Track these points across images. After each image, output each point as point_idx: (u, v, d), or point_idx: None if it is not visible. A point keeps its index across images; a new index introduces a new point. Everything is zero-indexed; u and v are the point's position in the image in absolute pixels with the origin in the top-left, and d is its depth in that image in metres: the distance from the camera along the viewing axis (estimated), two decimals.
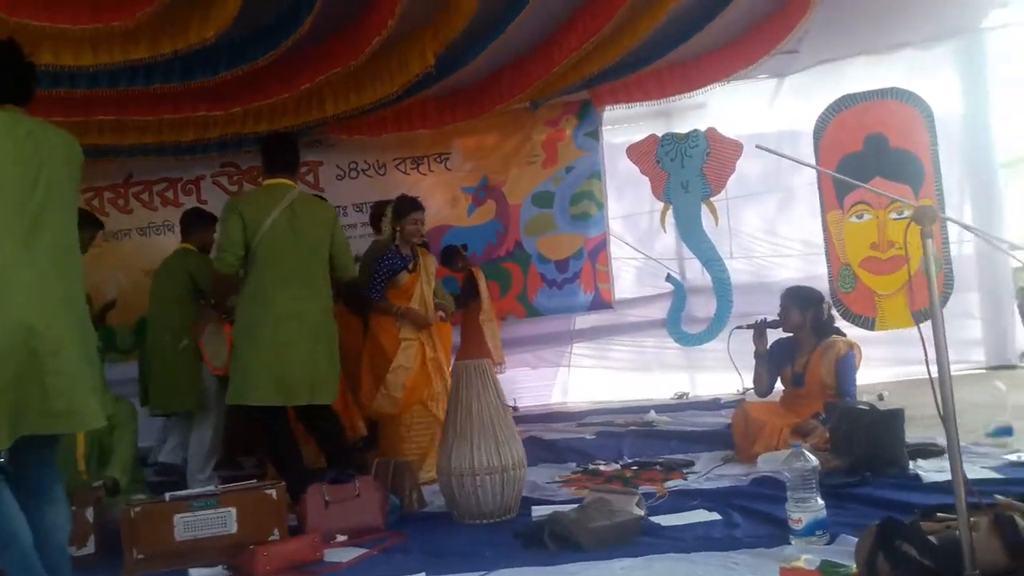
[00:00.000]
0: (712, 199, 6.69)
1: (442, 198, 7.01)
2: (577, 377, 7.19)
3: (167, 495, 3.25)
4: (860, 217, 6.36)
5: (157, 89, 5.52)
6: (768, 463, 3.68)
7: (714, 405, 6.00)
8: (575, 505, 3.12)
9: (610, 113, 7.00)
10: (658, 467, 3.96)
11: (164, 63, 5.23)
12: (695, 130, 6.69)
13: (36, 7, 4.58)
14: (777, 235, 6.88)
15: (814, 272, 6.47)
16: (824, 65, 6.67)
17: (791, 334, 4.31)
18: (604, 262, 6.90)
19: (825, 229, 6.37)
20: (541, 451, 4.75)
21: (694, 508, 3.13)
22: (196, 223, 5.09)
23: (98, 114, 5.84)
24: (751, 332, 4.45)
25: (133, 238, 7.06)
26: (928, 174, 6.22)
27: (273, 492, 3.24)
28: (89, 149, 6.40)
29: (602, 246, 6.92)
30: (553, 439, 5.20)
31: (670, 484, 3.61)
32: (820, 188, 6.41)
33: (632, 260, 7.08)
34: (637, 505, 2.99)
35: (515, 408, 6.89)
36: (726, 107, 6.83)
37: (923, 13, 6.25)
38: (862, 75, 6.50)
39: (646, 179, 6.79)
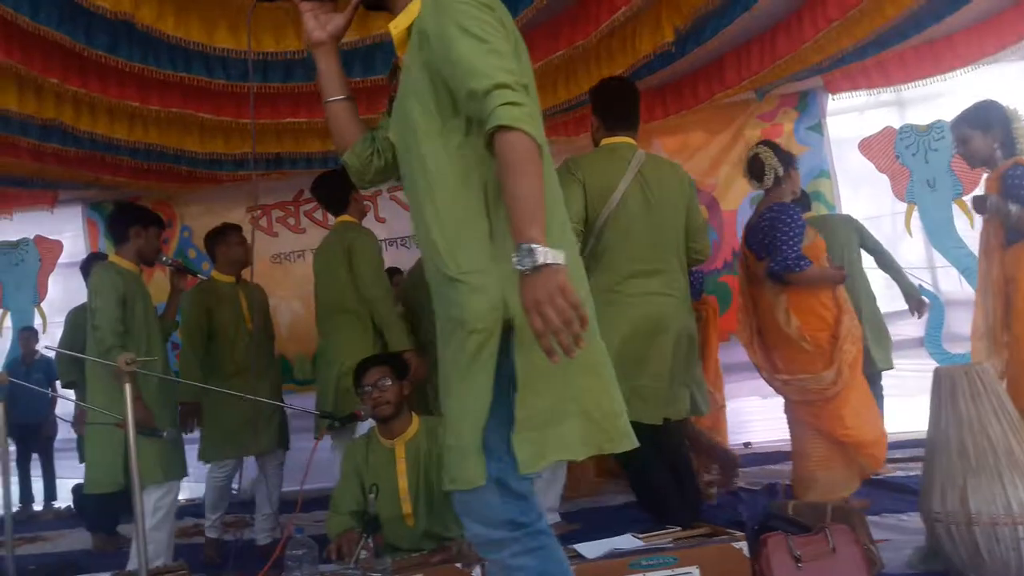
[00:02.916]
0: (965, 198, 5.89)
1: None
2: None
3: (579, 547, 2.41)
4: None
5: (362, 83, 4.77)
6: None
7: None
8: None
9: (831, 104, 6.20)
10: None
11: (365, 50, 4.52)
12: (939, 121, 5.90)
13: None
14: None
15: None
16: None
17: None
18: None
19: None
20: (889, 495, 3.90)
21: None
22: None
23: (287, 115, 5.10)
24: None
25: (307, 259, 6.33)
26: None
27: (742, 546, 2.39)
28: (259, 161, 6.02)
29: None
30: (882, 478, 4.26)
31: None
32: None
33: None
34: None
35: (746, 445, 6.02)
36: (967, 95, 5.99)
37: None
38: None
39: (884, 177, 5.99)
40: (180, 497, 4.31)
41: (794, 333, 3.58)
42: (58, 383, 5.62)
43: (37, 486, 6.90)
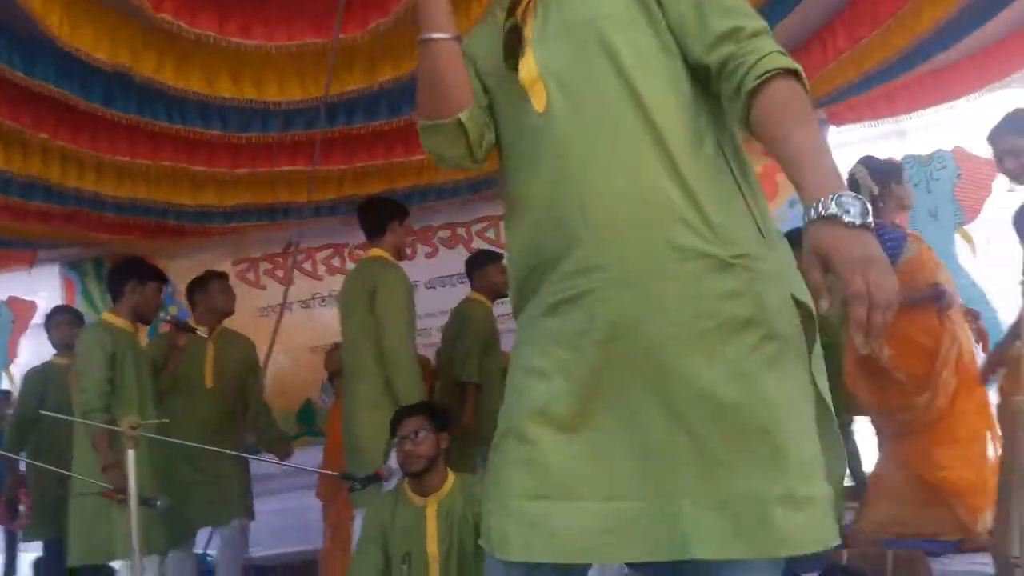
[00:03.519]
0: (967, 227, 5.86)
1: None
2: None
3: None
4: None
5: (359, 129, 4.60)
6: None
7: None
8: None
9: (832, 138, 6.14)
10: None
11: (368, 99, 4.35)
12: (939, 150, 5.88)
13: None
14: None
15: None
16: None
17: None
18: None
19: None
20: None
21: None
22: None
23: (283, 164, 4.89)
24: None
25: (295, 312, 6.12)
26: None
27: None
28: (250, 211, 5.76)
29: None
30: None
31: None
32: None
33: None
34: None
35: None
36: (969, 123, 5.99)
37: None
38: None
39: None
40: None
41: (885, 363, 3.42)
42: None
43: None
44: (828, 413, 1.35)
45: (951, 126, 5.92)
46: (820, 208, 1.19)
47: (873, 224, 1.20)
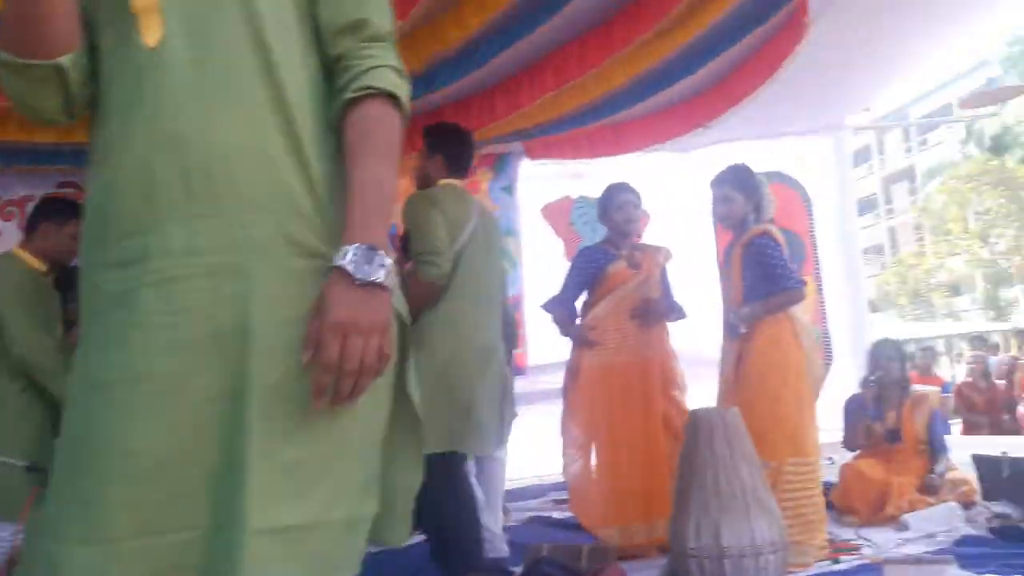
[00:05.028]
0: None
1: None
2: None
3: None
4: None
5: None
6: (925, 522, 3.64)
7: None
8: None
9: (526, 169, 6.67)
10: None
11: None
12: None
13: None
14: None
15: None
16: (724, 145, 6.95)
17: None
18: (519, 324, 6.43)
19: None
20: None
21: None
22: None
23: None
24: None
25: None
26: (808, 254, 6.85)
27: None
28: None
29: (516, 307, 6.44)
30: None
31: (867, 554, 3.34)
32: None
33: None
34: None
35: None
36: (633, 177, 6.81)
37: (803, 105, 6.77)
38: (755, 157, 6.86)
39: (560, 240, 6.58)
40: None
41: None
42: None
43: None
44: (416, 423, 1.30)
45: (618, 176, 6.67)
46: (340, 255, 1.10)
47: (382, 283, 1.10)
